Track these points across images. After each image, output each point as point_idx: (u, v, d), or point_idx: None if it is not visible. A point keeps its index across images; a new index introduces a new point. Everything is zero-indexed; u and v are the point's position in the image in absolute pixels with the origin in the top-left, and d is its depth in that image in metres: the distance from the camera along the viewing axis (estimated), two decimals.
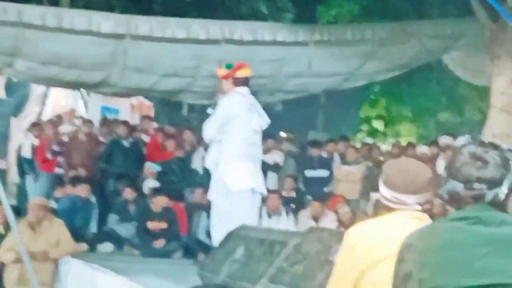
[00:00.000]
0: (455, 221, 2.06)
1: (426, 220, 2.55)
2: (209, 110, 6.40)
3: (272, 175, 10.45)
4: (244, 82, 6.34)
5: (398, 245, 2.13)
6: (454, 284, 1.94)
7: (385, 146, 13.92)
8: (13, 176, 11.56)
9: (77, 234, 7.91)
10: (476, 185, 2.07)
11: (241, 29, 9.10)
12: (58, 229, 7.53)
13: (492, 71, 9.50)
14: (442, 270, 1.97)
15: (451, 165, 2.14)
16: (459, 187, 2.09)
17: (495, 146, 2.14)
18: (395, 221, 2.58)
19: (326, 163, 10.63)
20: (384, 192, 2.65)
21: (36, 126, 11.37)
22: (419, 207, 2.61)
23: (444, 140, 10.46)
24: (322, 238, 3.77)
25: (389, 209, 2.64)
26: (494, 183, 2.06)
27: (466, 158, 2.10)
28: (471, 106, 17.09)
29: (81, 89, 12.76)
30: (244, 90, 6.34)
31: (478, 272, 1.93)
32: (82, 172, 9.51)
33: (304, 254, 3.80)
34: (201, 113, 17.90)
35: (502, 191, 2.06)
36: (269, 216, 8.78)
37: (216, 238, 6.10)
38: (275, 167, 10.57)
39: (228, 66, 6.42)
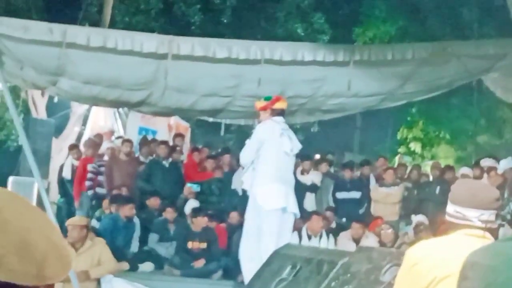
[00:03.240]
0: None
1: (488, 239, 2.49)
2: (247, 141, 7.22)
3: (310, 196, 10.42)
4: (280, 113, 7.04)
5: (460, 263, 2.08)
6: None
7: (423, 168, 13.72)
8: (53, 196, 11.68)
9: (119, 253, 7.94)
10: None
11: (281, 49, 9.07)
12: (99, 248, 7.51)
13: None
14: None
15: None
16: None
17: None
18: (457, 239, 2.54)
19: (359, 185, 10.55)
20: (448, 208, 2.62)
21: (75, 147, 11.55)
22: (481, 224, 2.55)
23: (486, 162, 10.25)
24: (371, 257, 3.72)
25: (452, 226, 2.60)
26: None
27: None
28: (511, 128, 16.81)
29: (119, 110, 12.89)
30: (279, 118, 7.02)
31: None
32: (124, 191, 9.56)
33: (353, 273, 3.75)
34: (237, 134, 17.97)
35: None
36: (309, 237, 8.73)
37: (242, 254, 6.84)
38: (313, 188, 10.51)
39: (267, 98, 7.13)
